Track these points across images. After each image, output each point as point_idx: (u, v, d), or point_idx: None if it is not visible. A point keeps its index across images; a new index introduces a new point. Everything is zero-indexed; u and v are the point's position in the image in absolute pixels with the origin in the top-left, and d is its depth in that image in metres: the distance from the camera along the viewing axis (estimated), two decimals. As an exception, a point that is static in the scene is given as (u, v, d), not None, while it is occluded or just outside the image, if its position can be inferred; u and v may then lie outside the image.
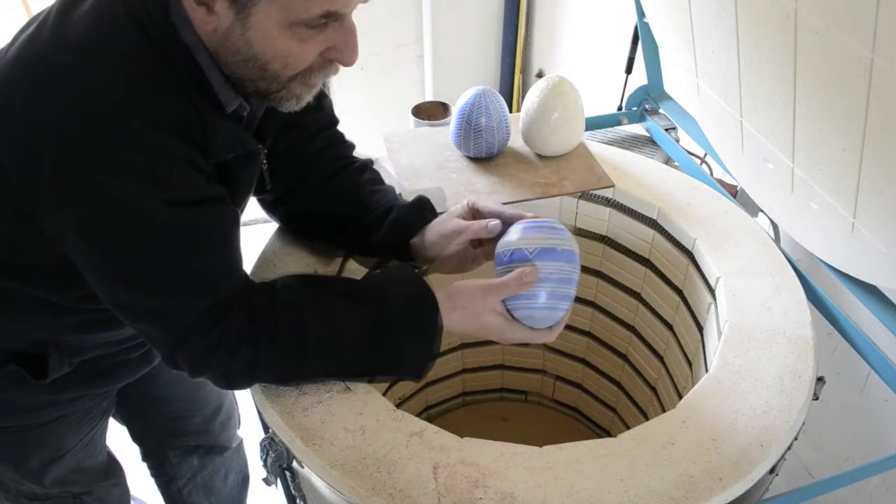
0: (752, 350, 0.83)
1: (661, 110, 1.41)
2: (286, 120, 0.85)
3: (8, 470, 0.99)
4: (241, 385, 0.76)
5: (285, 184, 0.90)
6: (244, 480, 1.40)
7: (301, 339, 0.72)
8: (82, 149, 0.63)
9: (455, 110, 1.15)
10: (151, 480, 1.31)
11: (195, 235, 0.68)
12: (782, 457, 0.75)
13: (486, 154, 1.15)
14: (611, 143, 1.40)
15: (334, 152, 0.94)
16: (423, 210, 0.92)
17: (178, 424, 1.21)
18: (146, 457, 1.28)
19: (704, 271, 0.99)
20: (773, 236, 1.05)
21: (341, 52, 0.71)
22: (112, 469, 1.15)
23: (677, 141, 1.38)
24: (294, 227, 0.98)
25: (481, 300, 0.76)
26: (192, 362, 0.72)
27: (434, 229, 0.88)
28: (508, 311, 0.77)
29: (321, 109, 0.91)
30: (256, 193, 0.90)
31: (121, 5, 0.66)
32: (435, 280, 0.82)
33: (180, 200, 0.66)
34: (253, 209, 0.93)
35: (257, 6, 0.64)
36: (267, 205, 0.95)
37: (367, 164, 0.96)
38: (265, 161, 0.85)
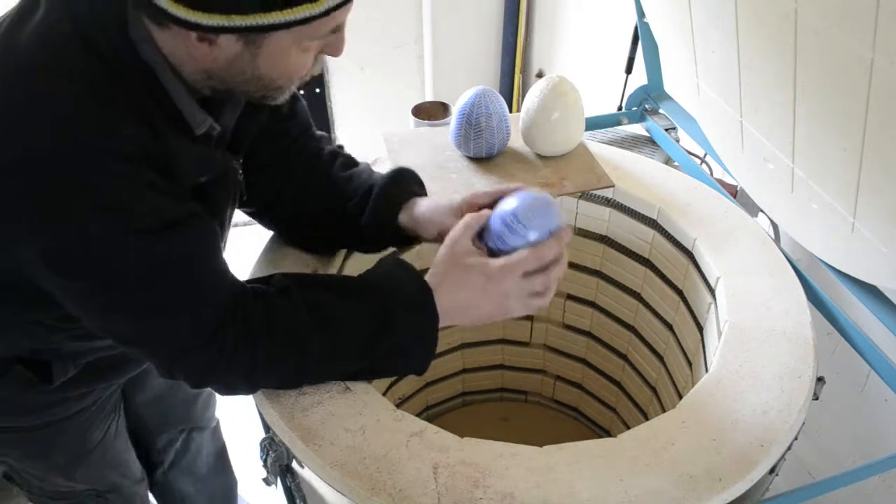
0: (752, 350, 0.83)
1: (661, 110, 1.41)
2: (263, 129, 0.83)
3: (34, 467, 0.99)
4: (242, 392, 0.75)
5: (266, 193, 0.89)
6: (219, 453, 1.39)
7: (297, 345, 0.72)
8: (38, 182, 0.61)
9: (455, 110, 1.15)
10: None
11: (169, 259, 0.66)
12: (782, 457, 0.75)
13: (486, 154, 1.15)
14: (611, 143, 1.40)
15: (305, 149, 0.92)
16: (404, 183, 0.90)
17: (172, 411, 1.22)
18: (133, 445, 1.28)
19: (704, 271, 0.99)
20: (773, 236, 1.05)
21: (333, 47, 0.70)
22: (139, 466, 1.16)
23: (677, 141, 1.38)
24: (285, 235, 0.98)
25: (450, 248, 0.76)
26: (191, 377, 0.72)
27: (425, 211, 0.86)
28: (492, 253, 0.77)
29: (295, 116, 0.90)
30: (241, 206, 0.89)
31: (69, 24, 0.63)
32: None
33: (149, 227, 0.64)
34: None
35: (271, 36, 0.63)
36: (253, 215, 0.94)
37: (337, 152, 0.94)
38: (241, 173, 0.83)
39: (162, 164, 0.66)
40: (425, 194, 0.92)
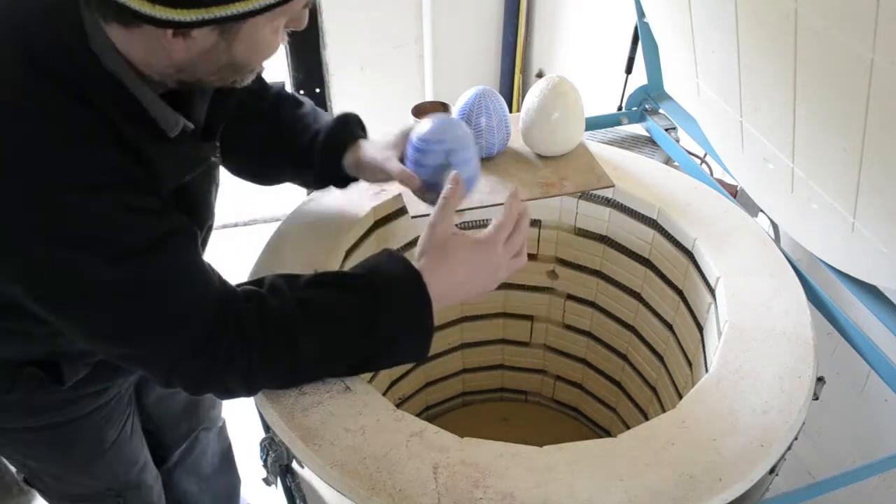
0: (752, 350, 0.83)
1: (661, 110, 1.41)
2: (233, 110, 0.84)
3: (54, 467, 1.00)
4: (241, 395, 0.75)
5: (224, 145, 0.89)
6: (224, 453, 1.40)
7: (292, 345, 0.72)
8: (8, 220, 0.60)
9: (455, 110, 1.15)
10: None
11: (152, 280, 0.66)
12: (782, 457, 0.75)
13: (485, 154, 1.15)
14: (611, 143, 1.40)
15: (250, 101, 0.91)
16: (348, 125, 0.93)
17: (178, 410, 1.22)
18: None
19: (704, 271, 0.99)
20: (773, 236, 1.05)
21: (299, 21, 0.69)
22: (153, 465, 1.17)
23: (677, 141, 1.38)
24: (242, 177, 0.98)
25: (432, 230, 0.77)
26: (188, 386, 0.72)
27: (367, 151, 0.89)
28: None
29: (256, 88, 0.91)
30: None
31: (15, 47, 0.61)
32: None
33: (129, 252, 0.64)
34: (254, 209, 0.93)
35: (247, 22, 0.62)
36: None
37: (281, 94, 0.95)
38: (219, 156, 0.83)
39: (140, 178, 0.65)
40: (366, 137, 0.95)
